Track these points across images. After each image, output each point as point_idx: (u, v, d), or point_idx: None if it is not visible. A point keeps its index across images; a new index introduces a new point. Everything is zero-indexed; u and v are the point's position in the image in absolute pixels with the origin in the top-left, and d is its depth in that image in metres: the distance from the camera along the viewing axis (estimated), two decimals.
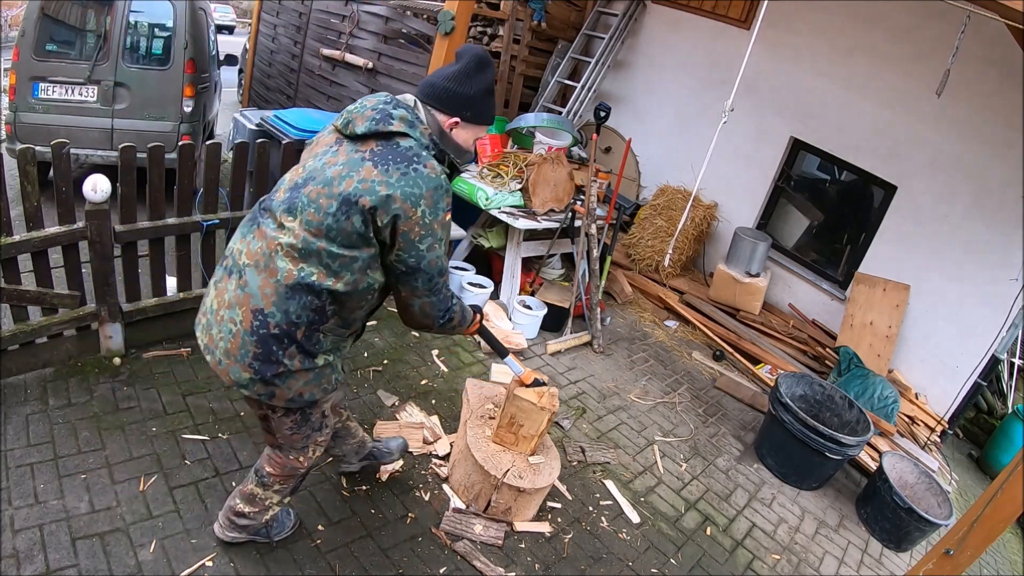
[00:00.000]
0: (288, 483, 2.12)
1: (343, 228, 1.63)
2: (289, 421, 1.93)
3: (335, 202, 1.63)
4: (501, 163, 4.60)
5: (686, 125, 5.96)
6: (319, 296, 1.68)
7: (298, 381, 1.77)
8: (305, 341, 1.73)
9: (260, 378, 1.72)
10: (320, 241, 1.65)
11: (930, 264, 4.56)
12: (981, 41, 3.91)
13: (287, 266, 1.67)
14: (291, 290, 1.66)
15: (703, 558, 2.87)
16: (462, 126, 1.81)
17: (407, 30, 4.72)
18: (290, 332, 1.70)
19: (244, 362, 1.71)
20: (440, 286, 1.80)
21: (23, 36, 4.28)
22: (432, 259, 1.72)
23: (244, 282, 1.71)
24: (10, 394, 2.62)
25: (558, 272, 5.08)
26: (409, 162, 1.64)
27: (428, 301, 1.80)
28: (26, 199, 2.55)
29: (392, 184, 1.61)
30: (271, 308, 1.67)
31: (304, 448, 2.04)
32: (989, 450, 4.96)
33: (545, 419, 2.55)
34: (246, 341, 1.69)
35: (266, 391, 1.75)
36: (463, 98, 1.77)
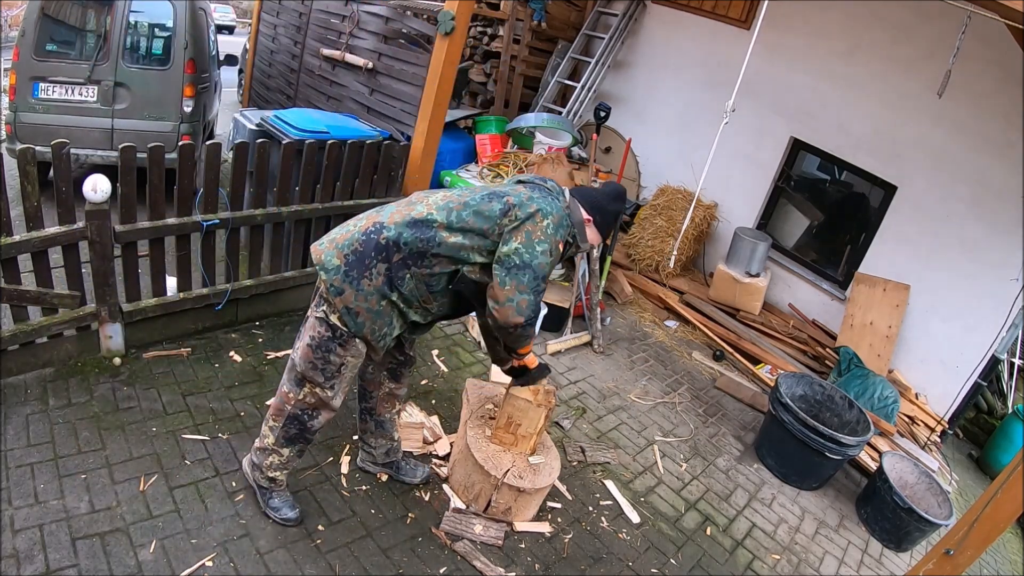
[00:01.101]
0: (279, 420, 2.21)
1: (483, 205, 2.03)
2: (317, 331, 2.06)
3: (483, 192, 2.09)
4: (501, 163, 4.60)
5: (686, 125, 5.96)
6: (431, 240, 1.99)
7: (366, 300, 1.99)
8: (396, 267, 1.99)
9: (344, 270, 1.97)
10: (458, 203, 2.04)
11: (930, 264, 4.56)
12: (981, 41, 3.91)
13: (423, 209, 2.04)
14: (416, 222, 2.01)
15: (703, 558, 2.87)
16: (590, 225, 2.27)
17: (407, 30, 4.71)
18: (390, 251, 1.98)
19: (342, 251, 2.00)
20: (540, 291, 2.02)
21: (23, 36, 4.28)
22: (543, 263, 2.00)
23: (382, 209, 2.11)
24: (10, 394, 2.62)
25: (558, 272, 5.08)
26: (551, 195, 2.14)
27: (527, 299, 1.99)
28: (26, 199, 2.54)
29: (534, 198, 2.05)
30: (391, 225, 2.01)
31: (302, 381, 2.14)
32: (989, 450, 4.96)
33: (542, 416, 2.55)
34: (356, 238, 2.01)
35: (339, 286, 1.97)
36: (603, 208, 2.27)
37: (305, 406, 2.18)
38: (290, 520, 2.36)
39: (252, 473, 2.38)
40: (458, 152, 4.75)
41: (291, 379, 2.19)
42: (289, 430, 2.23)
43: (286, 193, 3.41)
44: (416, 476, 2.74)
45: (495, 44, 6.31)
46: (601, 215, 2.26)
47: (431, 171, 4.17)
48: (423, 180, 4.12)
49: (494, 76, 6.40)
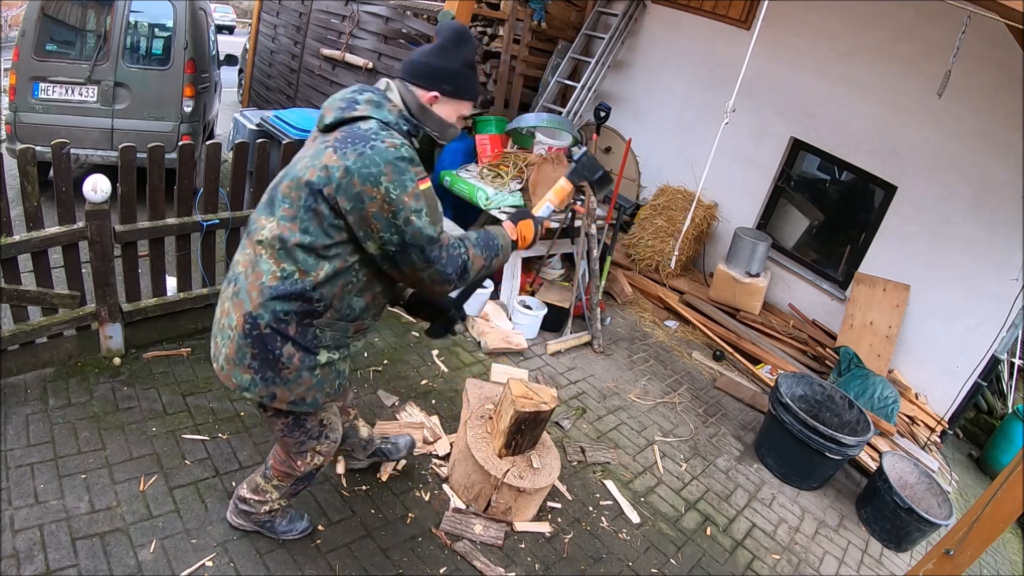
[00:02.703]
0: (285, 482, 2.13)
1: (315, 215, 1.64)
2: (280, 423, 1.92)
3: (303, 193, 1.64)
4: (501, 163, 4.60)
5: (686, 125, 5.96)
6: (304, 292, 1.69)
7: (300, 385, 1.78)
8: (300, 336, 1.73)
9: (261, 377, 1.74)
10: (295, 236, 1.66)
11: (930, 264, 4.56)
12: (981, 41, 3.91)
13: (270, 267, 1.69)
14: (275, 291, 1.69)
15: (703, 558, 2.87)
16: (442, 101, 1.78)
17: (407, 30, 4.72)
18: (281, 329, 1.71)
19: (243, 364, 1.74)
20: (436, 253, 1.70)
21: (23, 36, 4.28)
22: (414, 231, 1.65)
23: (237, 288, 1.75)
24: (10, 394, 2.62)
25: (558, 272, 5.07)
26: (366, 141, 1.61)
27: (433, 270, 1.71)
28: (26, 199, 2.54)
29: (349, 167, 1.59)
30: (259, 310, 1.70)
31: (301, 453, 2.04)
32: (989, 450, 4.96)
33: (510, 417, 2.50)
34: (241, 344, 1.73)
35: (267, 393, 1.76)
36: (442, 72, 1.75)
37: (315, 467, 2.10)
38: (307, 529, 2.34)
39: (248, 520, 2.26)
40: (458, 152, 4.75)
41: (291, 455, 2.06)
42: (297, 486, 2.16)
43: None
44: (401, 451, 2.70)
45: (495, 44, 6.30)
46: (448, 80, 1.75)
47: (431, 171, 4.17)
48: None
49: (494, 76, 6.40)
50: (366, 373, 3.39)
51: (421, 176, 1.67)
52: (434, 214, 1.70)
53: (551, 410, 2.58)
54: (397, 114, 1.73)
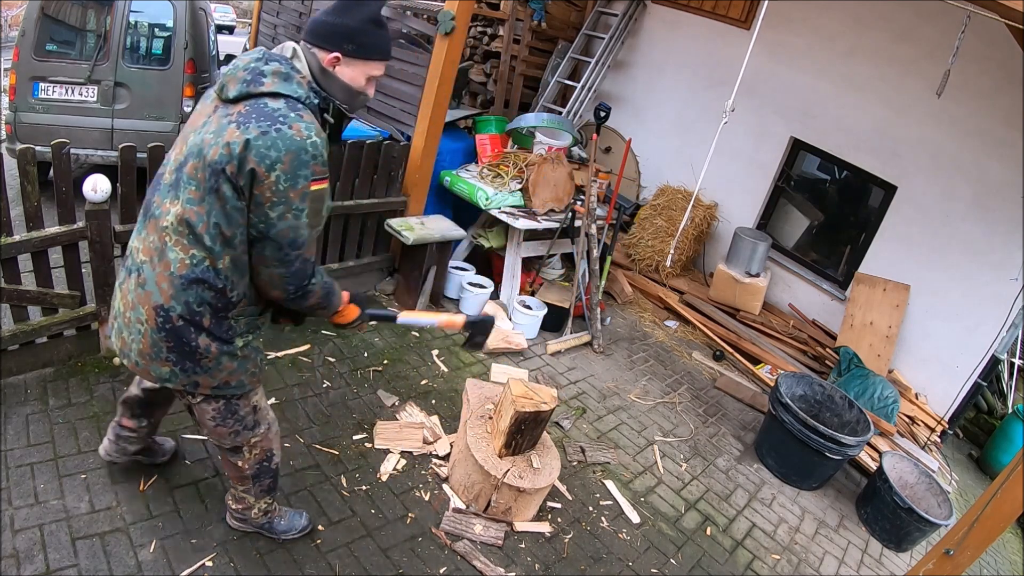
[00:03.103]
0: (246, 484, 2.10)
1: (216, 202, 1.56)
2: (211, 410, 1.86)
3: (207, 174, 1.55)
4: (501, 163, 4.59)
5: (686, 125, 5.96)
6: (215, 282, 1.63)
7: (222, 370, 1.74)
8: (215, 328, 1.68)
9: (180, 368, 1.69)
10: (202, 220, 1.57)
11: (930, 264, 4.56)
12: (981, 41, 3.91)
13: (178, 256, 1.61)
14: (186, 280, 1.61)
15: (703, 558, 2.87)
16: (345, 62, 1.65)
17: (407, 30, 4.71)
18: (196, 321, 1.65)
19: (160, 358, 1.68)
20: (293, 259, 1.62)
21: (23, 36, 4.27)
22: (283, 229, 1.57)
23: (143, 280, 1.66)
24: (10, 394, 2.62)
25: (558, 272, 5.07)
26: (273, 122, 1.52)
27: (277, 272, 1.63)
28: (26, 199, 2.54)
29: (249, 141, 1.50)
30: (171, 302, 1.63)
31: (238, 449, 1.98)
32: (989, 450, 4.96)
33: (510, 416, 2.51)
34: (155, 339, 1.66)
35: (190, 382, 1.73)
36: (342, 29, 1.62)
37: (257, 460, 2.04)
38: (307, 528, 2.34)
39: (247, 524, 2.26)
40: (458, 152, 4.75)
41: (228, 455, 2.03)
42: (263, 483, 2.12)
43: None
44: (166, 453, 2.47)
45: (495, 44, 6.30)
46: (348, 39, 1.62)
47: (431, 171, 4.17)
48: (423, 180, 4.12)
49: (494, 76, 6.40)
50: (366, 373, 3.39)
51: (318, 177, 1.59)
52: (314, 218, 1.62)
53: (551, 410, 2.58)
54: (307, 86, 1.62)
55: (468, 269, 4.58)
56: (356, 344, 3.60)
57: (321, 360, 3.39)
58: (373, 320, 2.13)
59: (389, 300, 4.18)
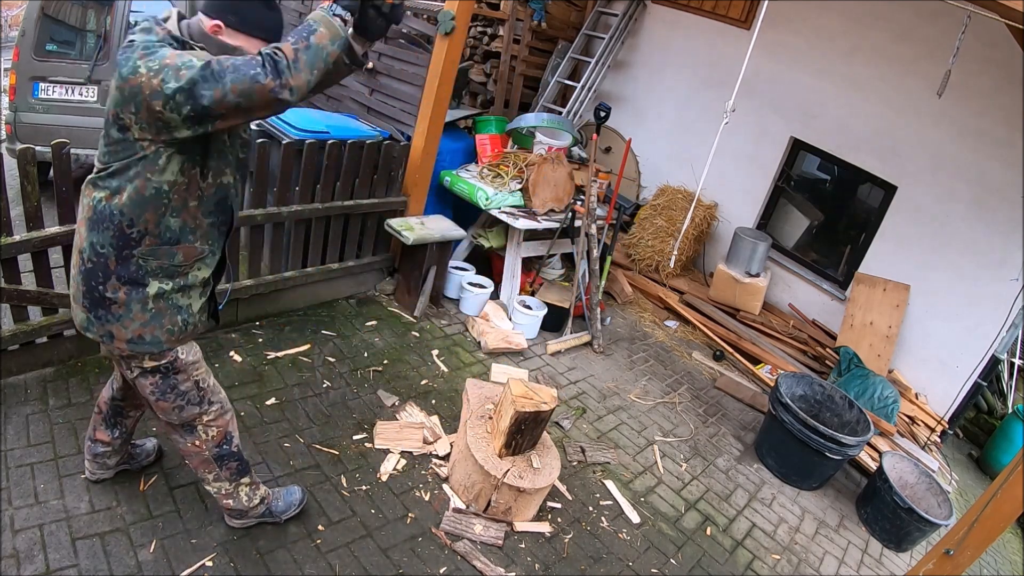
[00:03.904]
0: (212, 469, 2.07)
1: (107, 142, 1.63)
2: (149, 384, 1.86)
3: (105, 125, 1.63)
4: (501, 163, 4.59)
5: (686, 125, 5.96)
6: (112, 219, 1.65)
7: (133, 320, 1.72)
8: (121, 269, 1.69)
9: (93, 315, 1.72)
10: (99, 163, 1.66)
11: (930, 264, 4.56)
12: (981, 41, 3.91)
13: (87, 201, 1.69)
14: (91, 222, 1.68)
15: (703, 558, 2.87)
16: (227, 32, 1.68)
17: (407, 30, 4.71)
18: (101, 263, 1.69)
19: (79, 302, 1.75)
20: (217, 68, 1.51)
21: (23, 36, 4.27)
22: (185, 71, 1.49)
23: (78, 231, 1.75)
24: (10, 394, 2.62)
25: (558, 272, 5.08)
26: (123, 51, 1.57)
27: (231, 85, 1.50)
28: (26, 199, 2.54)
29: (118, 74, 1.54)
30: (83, 244, 1.70)
31: (190, 428, 1.97)
32: (989, 450, 4.96)
33: (510, 417, 2.50)
34: (77, 282, 1.74)
35: (104, 331, 1.74)
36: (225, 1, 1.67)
37: (215, 441, 2.03)
38: (303, 500, 2.38)
39: (246, 519, 2.26)
40: (458, 152, 4.75)
41: (182, 434, 2.00)
42: (228, 465, 2.09)
43: (286, 193, 3.41)
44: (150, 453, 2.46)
45: (495, 44, 6.30)
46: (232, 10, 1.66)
47: (431, 171, 4.17)
48: (423, 180, 4.12)
49: (494, 76, 6.40)
50: (366, 373, 3.39)
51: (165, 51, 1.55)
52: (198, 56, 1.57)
53: (551, 410, 2.58)
54: (164, 35, 1.62)
55: (468, 269, 4.58)
56: (356, 344, 3.60)
57: (321, 360, 3.39)
58: None
59: (389, 300, 4.18)
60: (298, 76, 1.54)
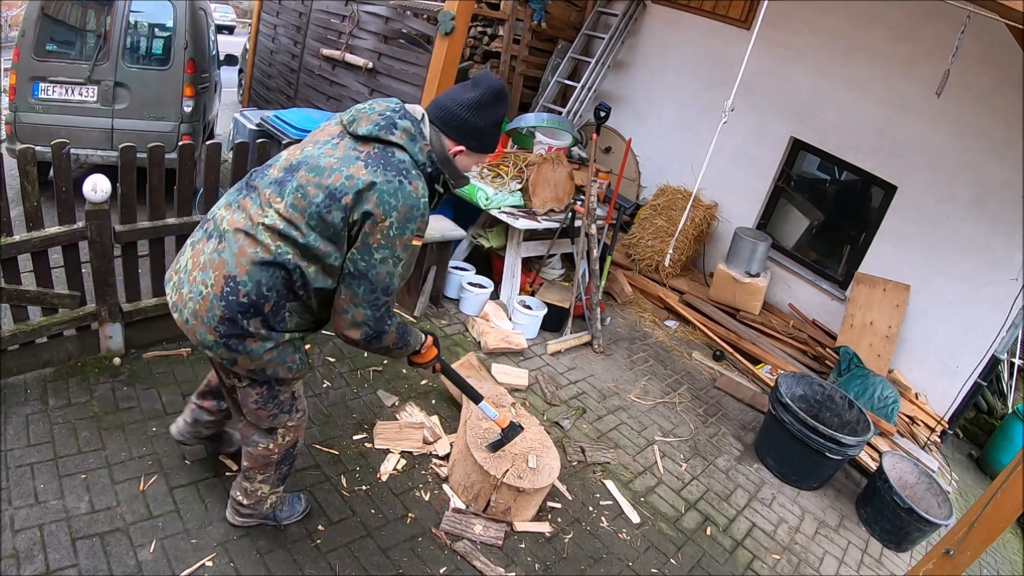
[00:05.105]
0: (267, 472, 2.13)
1: (324, 220, 1.67)
2: (255, 394, 1.94)
3: (322, 193, 1.67)
4: (501, 163, 4.59)
5: (686, 125, 5.96)
6: (291, 274, 1.71)
7: (261, 355, 1.79)
8: (271, 316, 1.76)
9: (224, 343, 1.75)
10: (300, 228, 1.68)
11: (930, 264, 4.57)
12: (981, 41, 3.91)
13: (266, 240, 1.70)
14: (266, 264, 1.70)
15: (703, 558, 2.87)
16: (466, 154, 1.86)
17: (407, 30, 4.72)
18: (258, 304, 1.72)
19: (210, 325, 1.74)
20: (381, 304, 1.76)
21: (23, 36, 4.28)
22: (382, 272, 1.71)
23: (222, 247, 1.74)
24: (10, 394, 2.62)
25: (558, 272, 5.08)
26: (398, 173, 1.68)
27: (363, 313, 1.75)
28: (26, 199, 2.54)
29: (375, 183, 1.65)
30: (244, 277, 1.70)
31: (272, 432, 2.05)
32: (989, 450, 4.96)
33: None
34: (214, 304, 1.72)
35: (229, 357, 1.78)
36: (473, 129, 1.82)
37: (287, 445, 2.12)
38: (307, 509, 2.40)
39: (252, 518, 2.27)
40: None
41: (262, 437, 2.06)
42: (281, 470, 2.17)
43: None
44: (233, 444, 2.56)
45: (495, 44, 6.31)
46: (475, 137, 1.84)
47: None
48: None
49: None
50: (366, 373, 3.39)
51: (419, 234, 1.75)
52: (405, 272, 1.78)
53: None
54: (427, 155, 1.78)
55: (468, 269, 4.58)
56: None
57: (321, 360, 3.39)
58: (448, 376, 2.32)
59: None
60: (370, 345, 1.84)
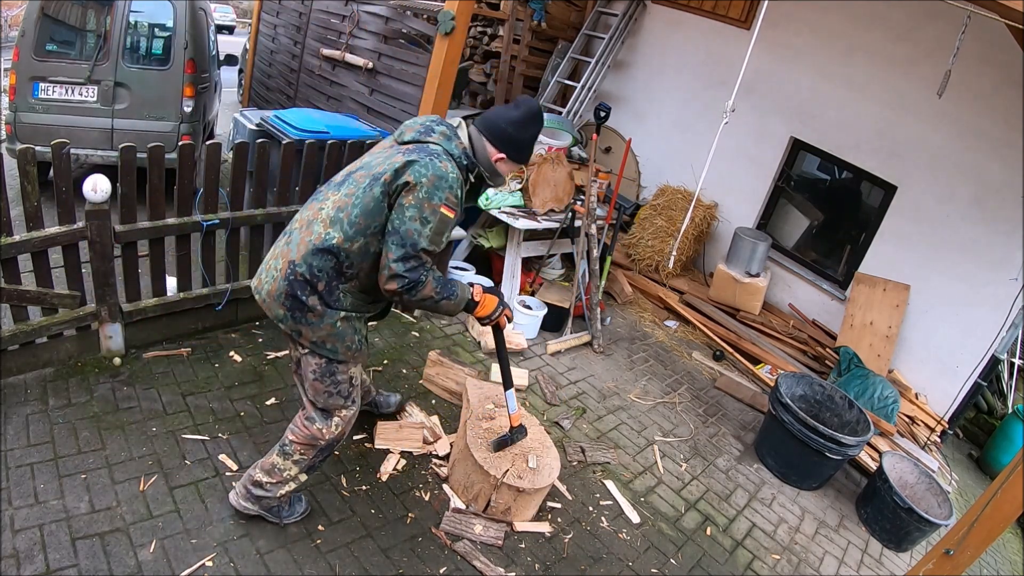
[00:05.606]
0: (308, 454, 2.24)
1: (366, 197, 2.00)
2: (314, 363, 2.15)
3: (368, 179, 2.02)
4: None
5: (686, 125, 5.96)
6: (337, 256, 2.02)
7: (322, 328, 2.08)
8: (326, 293, 2.05)
9: (291, 315, 2.06)
10: (347, 209, 2.01)
11: (930, 264, 4.56)
12: (981, 41, 3.91)
13: (319, 230, 2.03)
14: (317, 249, 2.02)
15: (703, 558, 2.87)
16: (505, 161, 2.20)
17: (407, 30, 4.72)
18: (312, 282, 2.03)
19: (280, 300, 2.07)
20: (411, 256, 1.96)
21: (23, 36, 4.28)
22: (411, 228, 1.95)
23: (290, 240, 2.10)
24: (10, 394, 2.62)
25: (558, 272, 5.08)
26: (430, 155, 2.01)
27: (396, 265, 1.96)
28: (26, 199, 2.55)
29: (409, 161, 1.98)
30: (300, 260, 2.03)
31: (329, 416, 2.22)
32: (989, 450, 4.96)
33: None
34: (281, 285, 2.06)
35: (295, 328, 2.08)
36: (513, 140, 2.16)
37: (337, 435, 2.25)
38: (307, 510, 2.43)
39: (258, 504, 2.30)
40: None
41: (317, 415, 2.22)
42: (318, 458, 2.28)
43: (286, 193, 3.41)
44: (391, 405, 3.02)
45: (495, 44, 6.31)
46: (515, 148, 2.17)
47: None
48: None
49: (494, 76, 6.41)
50: (366, 373, 3.39)
51: (449, 205, 1.99)
52: (435, 237, 1.99)
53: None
54: (462, 151, 2.11)
55: (468, 269, 4.58)
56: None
57: None
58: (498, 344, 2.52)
59: None
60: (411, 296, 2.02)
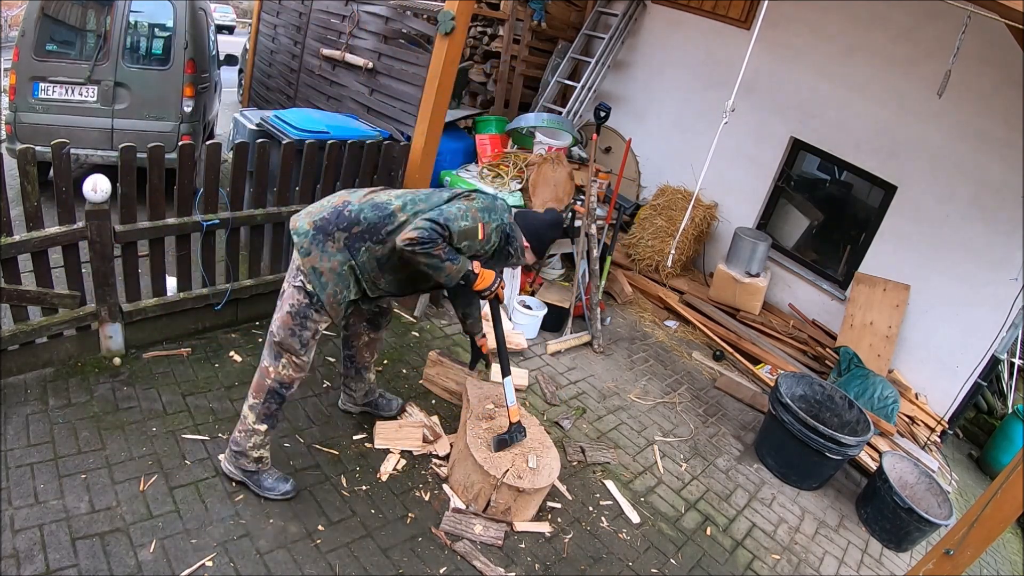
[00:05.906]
0: (259, 397, 2.36)
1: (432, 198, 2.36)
2: (297, 298, 2.29)
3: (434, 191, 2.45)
4: (501, 163, 4.60)
5: (686, 125, 5.96)
6: (389, 219, 2.28)
7: (331, 261, 2.26)
8: (354, 239, 2.27)
9: (313, 233, 2.26)
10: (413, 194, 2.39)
11: (930, 264, 4.56)
12: (981, 41, 3.91)
13: (384, 197, 2.36)
14: (376, 204, 2.32)
15: (703, 558, 2.87)
16: (528, 250, 2.60)
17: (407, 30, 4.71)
18: (351, 222, 2.28)
19: (314, 220, 2.29)
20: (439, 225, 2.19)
21: (23, 36, 4.27)
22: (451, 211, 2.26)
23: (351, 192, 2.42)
24: (10, 394, 2.62)
25: (558, 272, 5.08)
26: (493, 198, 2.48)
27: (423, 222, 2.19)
28: (26, 199, 2.54)
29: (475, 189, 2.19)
30: (356, 205, 2.32)
31: (278, 355, 2.34)
32: (989, 450, 4.96)
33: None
34: (325, 208, 2.32)
35: (309, 247, 2.25)
36: (540, 236, 2.60)
37: (283, 380, 2.36)
38: (288, 493, 2.46)
39: (236, 464, 2.45)
40: (458, 152, 4.75)
41: (269, 353, 2.37)
42: (270, 406, 2.38)
43: (286, 193, 3.41)
44: (392, 409, 3.07)
45: (495, 44, 6.30)
46: (538, 242, 2.60)
47: (431, 171, 4.16)
48: (423, 180, 4.11)
49: (494, 76, 6.40)
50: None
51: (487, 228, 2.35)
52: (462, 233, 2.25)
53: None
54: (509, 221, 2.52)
55: None
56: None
57: (321, 360, 3.39)
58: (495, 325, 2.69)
59: None
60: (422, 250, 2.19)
